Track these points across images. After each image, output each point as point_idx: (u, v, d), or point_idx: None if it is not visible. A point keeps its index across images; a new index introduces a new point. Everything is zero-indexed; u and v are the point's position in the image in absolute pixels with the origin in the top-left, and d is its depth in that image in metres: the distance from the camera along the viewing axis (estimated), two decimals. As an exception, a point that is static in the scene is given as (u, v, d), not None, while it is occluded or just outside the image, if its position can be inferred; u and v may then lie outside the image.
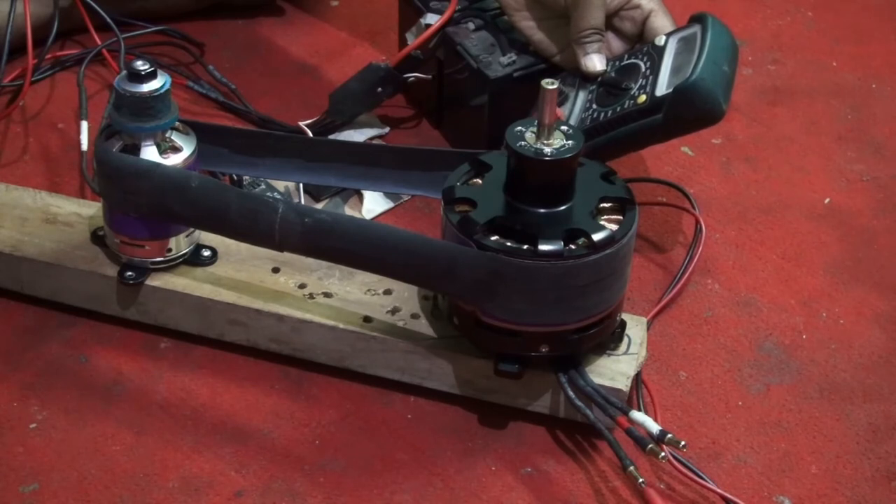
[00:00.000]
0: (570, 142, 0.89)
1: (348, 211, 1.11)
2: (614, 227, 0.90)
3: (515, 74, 1.10)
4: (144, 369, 0.98)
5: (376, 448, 0.93)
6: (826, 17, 1.38)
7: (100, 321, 1.00)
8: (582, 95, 1.05)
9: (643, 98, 0.99)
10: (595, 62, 1.04)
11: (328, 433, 0.94)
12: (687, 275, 1.06)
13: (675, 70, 0.99)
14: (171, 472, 0.91)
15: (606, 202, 0.91)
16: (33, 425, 0.94)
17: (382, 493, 0.90)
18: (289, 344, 0.97)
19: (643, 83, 1.01)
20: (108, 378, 0.97)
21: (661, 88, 0.99)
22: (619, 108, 1.01)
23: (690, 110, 0.97)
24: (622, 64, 1.04)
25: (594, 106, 1.03)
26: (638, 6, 1.05)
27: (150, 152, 0.94)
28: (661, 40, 1.03)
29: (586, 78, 1.05)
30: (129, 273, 0.97)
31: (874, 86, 1.29)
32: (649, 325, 1.01)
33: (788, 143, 1.22)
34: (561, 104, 1.03)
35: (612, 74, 1.04)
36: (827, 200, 1.16)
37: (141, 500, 0.89)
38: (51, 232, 1.01)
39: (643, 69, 1.02)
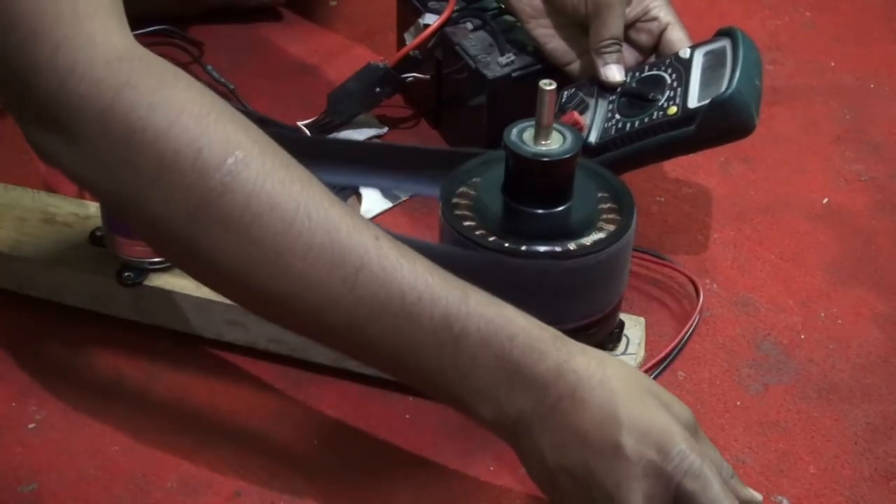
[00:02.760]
0: (568, 143, 0.89)
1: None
2: (612, 227, 0.90)
3: (514, 74, 1.10)
4: (143, 369, 0.98)
5: (375, 448, 0.93)
6: (824, 16, 1.38)
7: (98, 321, 1.00)
8: (602, 105, 1.05)
9: (674, 109, 0.99)
10: (614, 72, 1.04)
11: (327, 433, 0.94)
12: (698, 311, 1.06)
13: (707, 83, 1.00)
14: (170, 472, 0.91)
15: (605, 203, 0.92)
16: (32, 425, 0.94)
17: (381, 493, 0.90)
18: (287, 344, 0.97)
19: (671, 95, 1.01)
20: (106, 378, 0.97)
21: (694, 101, 0.99)
22: (647, 119, 1.01)
23: (725, 123, 0.98)
24: (644, 75, 1.04)
25: (617, 116, 1.03)
26: (655, 18, 1.06)
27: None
28: (685, 53, 1.03)
29: (604, 87, 1.05)
30: (128, 273, 0.97)
31: (872, 86, 1.29)
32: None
33: (787, 143, 1.22)
34: (581, 112, 1.04)
35: (634, 85, 1.04)
36: (825, 200, 1.16)
37: (140, 500, 0.89)
38: (49, 232, 1.01)
39: (669, 81, 1.02)
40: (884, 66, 1.32)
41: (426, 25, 1.14)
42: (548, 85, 0.87)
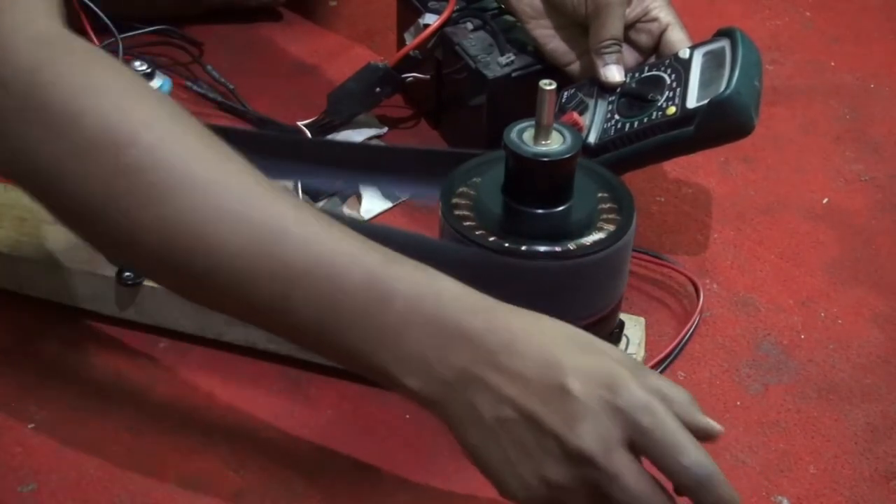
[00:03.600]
0: (568, 142, 0.89)
1: (346, 211, 1.11)
2: (612, 227, 0.90)
3: (514, 74, 1.10)
4: (143, 369, 0.98)
5: (375, 448, 0.93)
6: (824, 16, 1.38)
7: (98, 321, 1.00)
8: (602, 105, 1.04)
9: (673, 110, 0.99)
10: (614, 73, 1.04)
11: (327, 433, 0.94)
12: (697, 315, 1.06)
13: (706, 83, 1.00)
14: (170, 472, 0.91)
15: (605, 203, 0.92)
16: (31, 425, 0.94)
17: (381, 492, 0.90)
18: (288, 344, 0.97)
19: (670, 95, 1.01)
20: (106, 378, 0.97)
21: (693, 101, 0.99)
22: (646, 120, 1.00)
23: (724, 123, 0.98)
24: (643, 76, 1.04)
25: (616, 116, 1.02)
26: (655, 19, 1.05)
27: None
28: (685, 53, 1.03)
29: (604, 88, 1.05)
30: (128, 273, 0.97)
31: (872, 86, 1.29)
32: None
33: (787, 143, 1.22)
34: (581, 113, 1.04)
35: (634, 86, 1.04)
36: (825, 200, 1.16)
37: (139, 500, 0.89)
38: (49, 232, 1.01)
39: (668, 81, 1.02)
40: (884, 66, 1.32)
41: (426, 25, 1.14)
42: (548, 85, 0.87)
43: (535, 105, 0.88)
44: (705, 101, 0.98)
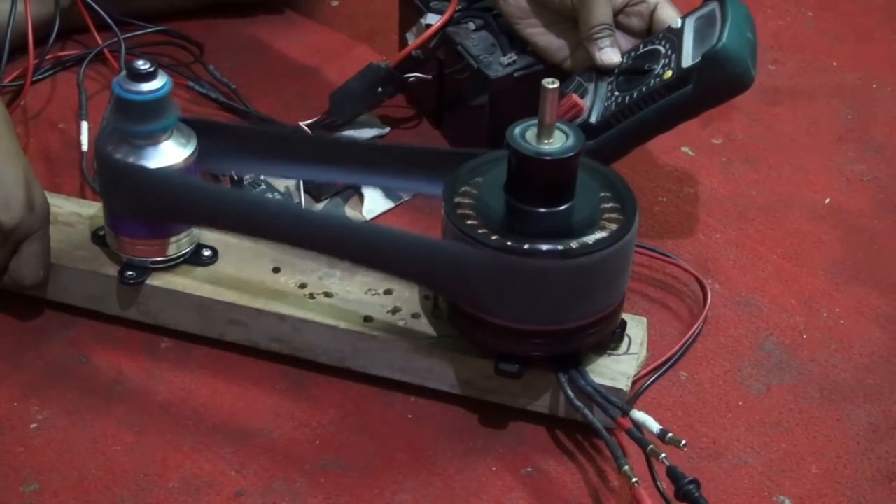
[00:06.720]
0: (570, 141, 0.89)
1: (349, 211, 1.11)
2: (615, 227, 0.89)
3: (516, 74, 1.10)
4: (145, 369, 0.98)
5: (377, 448, 0.93)
6: (826, 16, 1.38)
7: (100, 321, 1.00)
8: (602, 86, 1.04)
9: (669, 73, 0.99)
10: (610, 55, 1.04)
11: (328, 433, 0.94)
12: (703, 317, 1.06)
13: (699, 44, 0.99)
14: (172, 472, 0.91)
15: (607, 202, 0.91)
16: (34, 425, 0.94)
17: (383, 493, 0.90)
18: (289, 344, 0.97)
19: (666, 62, 1.00)
20: (108, 378, 0.97)
21: (688, 61, 0.99)
22: (644, 88, 1.00)
23: (720, 76, 0.97)
24: (639, 52, 1.04)
25: (616, 93, 1.02)
26: (643, 0, 1.05)
27: (150, 153, 0.94)
28: (677, 23, 1.03)
29: (603, 72, 1.05)
30: (130, 273, 0.97)
31: (874, 86, 1.29)
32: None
33: (789, 143, 1.22)
34: (582, 96, 1.04)
35: (631, 62, 1.04)
36: (827, 200, 1.16)
37: (141, 500, 0.89)
38: (51, 232, 1.01)
39: (664, 51, 1.01)
40: (886, 66, 1.32)
41: (428, 25, 1.14)
42: (550, 83, 0.87)
43: (538, 105, 0.88)
44: (699, 58, 0.97)
